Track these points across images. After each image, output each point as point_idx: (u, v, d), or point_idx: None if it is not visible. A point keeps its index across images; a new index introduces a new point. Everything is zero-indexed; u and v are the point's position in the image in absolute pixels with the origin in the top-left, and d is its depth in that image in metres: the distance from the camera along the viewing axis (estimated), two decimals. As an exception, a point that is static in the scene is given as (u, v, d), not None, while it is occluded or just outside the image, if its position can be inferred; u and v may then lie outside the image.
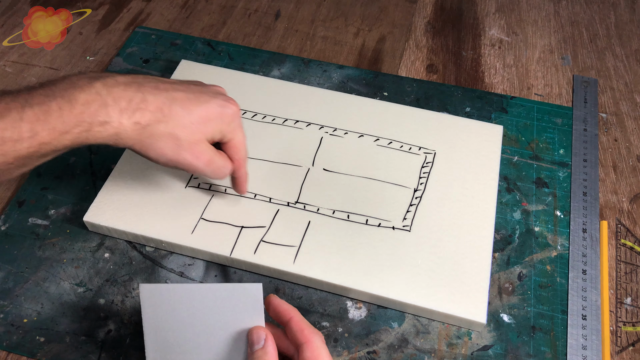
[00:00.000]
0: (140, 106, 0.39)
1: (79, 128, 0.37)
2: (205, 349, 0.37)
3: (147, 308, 0.37)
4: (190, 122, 0.40)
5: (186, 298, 0.37)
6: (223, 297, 0.37)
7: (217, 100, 0.42)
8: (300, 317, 0.37)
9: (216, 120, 0.42)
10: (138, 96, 0.39)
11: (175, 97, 0.40)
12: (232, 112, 0.43)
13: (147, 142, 0.39)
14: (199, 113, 0.41)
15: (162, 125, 0.39)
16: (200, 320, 0.37)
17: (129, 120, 0.38)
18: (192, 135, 0.41)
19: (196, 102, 0.41)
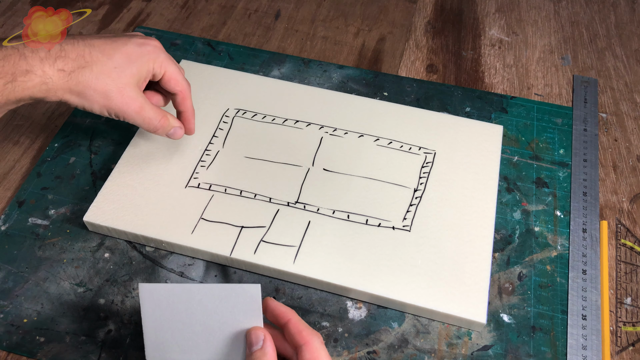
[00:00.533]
0: (60, 54, 0.40)
1: (2, 80, 0.38)
2: (204, 349, 0.38)
3: (147, 308, 0.37)
4: (114, 67, 0.41)
5: (185, 298, 0.37)
6: (222, 297, 0.37)
7: (135, 39, 0.43)
8: (298, 319, 0.37)
9: (139, 60, 0.42)
10: (56, 47, 0.40)
11: (93, 43, 0.41)
12: (152, 47, 0.43)
13: (77, 90, 0.40)
14: (119, 56, 0.41)
15: (87, 71, 0.40)
16: (199, 320, 0.37)
17: (52, 68, 0.39)
18: (119, 79, 0.41)
19: (114, 46, 0.41)
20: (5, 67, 0.38)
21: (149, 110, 0.44)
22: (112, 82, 0.41)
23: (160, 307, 0.37)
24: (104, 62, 0.41)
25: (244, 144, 0.55)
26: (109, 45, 0.41)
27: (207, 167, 0.53)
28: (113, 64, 0.41)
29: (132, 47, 0.42)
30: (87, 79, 0.40)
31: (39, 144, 0.58)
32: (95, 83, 0.41)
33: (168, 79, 0.45)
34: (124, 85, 0.42)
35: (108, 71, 0.41)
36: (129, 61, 0.42)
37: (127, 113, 0.43)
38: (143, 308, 0.37)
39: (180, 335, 0.37)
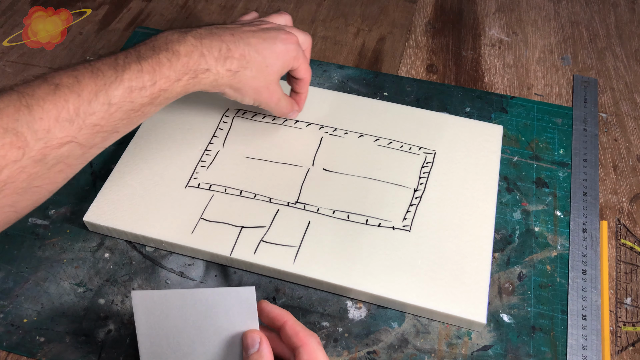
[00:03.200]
0: (228, 54, 0.44)
1: (187, 76, 0.42)
2: (200, 354, 0.37)
3: (140, 315, 0.37)
4: (266, 66, 0.47)
5: (179, 304, 0.37)
6: (216, 301, 0.37)
7: (281, 36, 0.48)
8: (294, 321, 0.37)
9: (284, 57, 0.48)
10: (223, 46, 0.44)
11: (250, 42, 0.46)
12: (295, 45, 0.48)
13: (237, 86, 0.46)
14: (269, 54, 0.47)
15: (247, 71, 0.46)
16: (194, 325, 0.37)
17: (223, 68, 0.44)
18: (268, 77, 0.47)
19: (266, 45, 0.47)
20: (189, 64, 0.42)
21: (284, 101, 0.51)
22: (263, 79, 0.47)
23: (154, 314, 0.37)
24: (259, 61, 0.46)
25: (244, 144, 0.55)
26: (262, 45, 0.46)
27: (207, 167, 0.53)
28: (265, 63, 0.47)
29: (280, 45, 0.47)
30: (246, 78, 0.46)
31: (39, 144, 0.57)
32: (252, 81, 0.46)
33: (299, 69, 0.51)
34: (271, 81, 0.48)
35: (261, 69, 0.46)
36: (276, 59, 0.47)
37: (269, 104, 0.50)
38: (136, 315, 0.37)
39: (175, 342, 0.37)
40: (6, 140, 0.34)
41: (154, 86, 0.40)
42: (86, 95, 0.37)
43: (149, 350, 0.37)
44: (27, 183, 0.36)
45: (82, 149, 0.38)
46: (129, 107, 0.39)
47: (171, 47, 0.41)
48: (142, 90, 0.39)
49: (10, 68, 0.65)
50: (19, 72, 0.65)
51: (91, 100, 0.37)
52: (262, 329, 0.38)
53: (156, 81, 0.40)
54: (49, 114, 0.36)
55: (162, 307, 0.37)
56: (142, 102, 0.40)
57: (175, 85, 0.41)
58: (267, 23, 0.50)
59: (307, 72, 0.52)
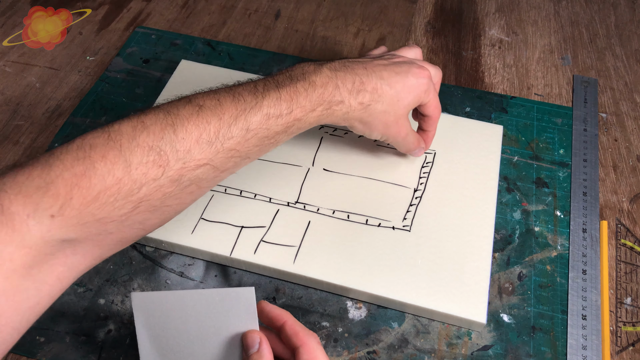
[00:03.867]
0: (361, 88, 0.44)
1: (321, 107, 0.42)
2: (199, 355, 0.37)
3: (140, 316, 0.37)
4: (397, 100, 0.45)
5: (178, 305, 0.37)
6: (216, 302, 0.36)
7: (414, 70, 0.46)
8: (294, 321, 0.37)
9: (414, 92, 0.46)
10: (357, 79, 0.44)
11: (383, 76, 0.45)
12: (427, 80, 0.47)
13: (366, 120, 0.45)
14: (401, 89, 0.45)
15: (378, 105, 0.45)
16: (194, 326, 0.37)
17: (355, 101, 0.43)
18: (398, 111, 0.46)
19: (398, 79, 0.45)
20: (324, 95, 0.42)
21: (411, 136, 0.49)
22: (392, 113, 0.46)
23: (153, 316, 0.37)
24: (390, 95, 0.45)
25: (244, 144, 0.55)
26: (394, 78, 0.45)
27: (207, 167, 0.53)
28: (397, 97, 0.45)
29: (412, 79, 0.46)
30: (377, 112, 0.45)
31: (39, 144, 0.58)
32: (382, 116, 0.45)
33: (428, 105, 0.48)
34: (400, 115, 0.46)
35: (392, 103, 0.45)
36: (407, 93, 0.46)
37: (397, 139, 0.48)
38: (136, 317, 0.37)
39: (175, 343, 0.37)
40: (150, 158, 0.34)
41: (290, 115, 0.40)
42: (227, 119, 0.37)
43: (148, 351, 0.37)
44: (160, 202, 0.36)
45: (215, 172, 0.38)
46: (264, 134, 0.39)
47: (308, 77, 0.42)
48: (279, 118, 0.39)
49: (11, 68, 0.65)
50: (19, 72, 0.65)
51: (231, 125, 0.37)
52: (262, 329, 0.38)
53: (292, 110, 0.40)
54: (191, 134, 0.36)
55: (161, 308, 0.37)
56: (277, 129, 0.40)
57: (309, 115, 0.41)
58: (398, 57, 0.49)
59: (436, 109, 0.49)
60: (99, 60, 0.66)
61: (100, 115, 0.59)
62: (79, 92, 0.63)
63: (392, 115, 0.46)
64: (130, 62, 0.65)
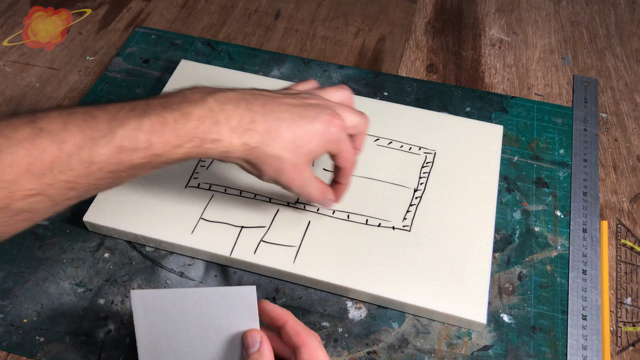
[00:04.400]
0: (250, 127, 0.39)
1: (191, 143, 0.37)
2: (199, 354, 0.37)
3: (139, 314, 0.37)
4: (295, 146, 0.40)
5: (179, 303, 0.37)
6: (216, 300, 0.36)
7: (322, 117, 0.41)
8: (294, 320, 0.37)
9: (318, 140, 0.41)
10: (248, 116, 0.39)
11: (282, 117, 0.40)
12: (336, 130, 0.42)
13: (253, 162, 0.40)
14: (303, 135, 0.41)
15: (269, 147, 0.40)
16: (194, 325, 0.37)
17: (239, 140, 0.38)
18: (295, 158, 0.41)
19: (301, 123, 0.41)
20: (197, 130, 0.37)
21: (312, 187, 0.44)
22: (287, 159, 0.40)
23: (153, 314, 0.37)
24: (287, 138, 0.40)
25: (244, 144, 0.55)
26: (297, 122, 0.40)
27: (207, 167, 0.53)
28: (295, 143, 0.40)
29: (319, 127, 0.41)
30: (266, 156, 0.40)
31: (39, 144, 0.57)
32: (273, 160, 0.40)
33: (339, 157, 0.44)
34: (298, 163, 0.41)
35: (288, 148, 0.40)
36: (310, 141, 0.41)
37: (291, 187, 0.43)
38: (135, 315, 0.37)
39: (174, 342, 0.37)
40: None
41: (149, 149, 0.35)
42: (68, 148, 0.33)
43: (148, 350, 0.37)
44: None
45: (52, 202, 0.34)
46: (114, 167, 0.35)
47: (184, 107, 0.37)
48: (134, 152, 0.35)
49: (11, 68, 0.65)
50: (19, 72, 0.65)
51: (72, 155, 0.33)
52: (263, 328, 0.38)
53: (152, 144, 0.35)
54: (19, 163, 0.32)
55: (161, 306, 0.37)
56: (132, 164, 0.35)
57: (173, 151, 0.37)
58: (317, 98, 0.44)
59: (348, 162, 0.44)
60: (98, 60, 0.66)
61: (100, 115, 0.59)
62: (79, 92, 0.63)
63: (287, 162, 0.41)
64: (130, 62, 0.65)
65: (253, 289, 0.36)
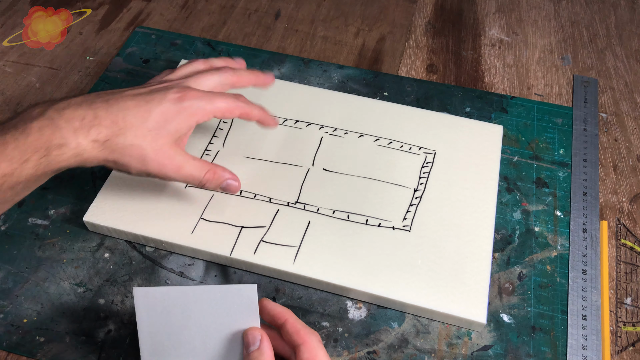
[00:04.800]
0: (94, 123, 0.38)
1: (37, 155, 0.37)
2: (200, 351, 0.37)
3: (142, 312, 0.37)
4: (148, 130, 0.40)
5: (180, 301, 0.37)
6: (217, 298, 0.37)
7: (169, 96, 0.41)
8: (295, 319, 0.37)
9: (177, 117, 0.41)
10: (90, 114, 0.38)
11: (128, 106, 0.40)
12: (189, 103, 0.41)
13: (113, 157, 0.39)
14: (155, 117, 0.40)
15: (120, 138, 0.39)
16: (195, 322, 0.37)
17: (86, 139, 0.38)
18: (154, 142, 0.40)
19: (149, 107, 0.40)
20: (39, 141, 0.37)
21: (190, 167, 0.42)
22: (147, 145, 0.40)
23: (155, 311, 0.37)
24: (138, 126, 0.39)
25: (244, 144, 0.55)
26: (144, 107, 0.40)
27: (207, 167, 0.53)
28: (148, 127, 0.40)
29: (168, 105, 0.40)
30: (122, 147, 0.39)
31: (39, 144, 0.57)
32: (131, 149, 0.39)
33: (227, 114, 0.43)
34: (160, 146, 0.40)
35: (143, 135, 0.39)
36: (165, 121, 0.40)
37: (166, 174, 0.41)
38: (138, 312, 0.37)
39: (176, 339, 0.37)
40: None
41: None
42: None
43: (150, 347, 0.37)
44: None
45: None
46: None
47: (22, 124, 0.37)
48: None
49: (11, 68, 0.65)
50: (19, 72, 0.65)
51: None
52: (263, 326, 0.38)
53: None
54: None
55: (163, 304, 0.37)
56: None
57: (22, 167, 0.36)
58: (168, 82, 0.43)
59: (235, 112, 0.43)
60: (99, 60, 0.66)
61: (100, 115, 0.59)
62: (79, 92, 0.63)
63: (147, 148, 0.39)
64: (130, 62, 0.65)
65: (254, 287, 0.36)
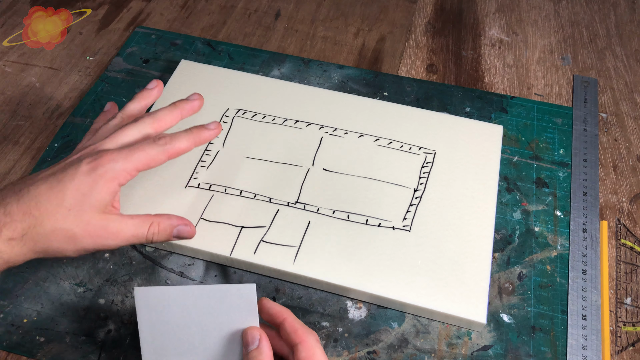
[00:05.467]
0: (5, 220, 0.36)
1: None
2: (200, 350, 0.37)
3: (142, 311, 0.37)
4: (68, 210, 0.37)
5: (180, 300, 0.37)
6: (217, 298, 0.37)
7: (83, 167, 0.38)
8: (293, 318, 0.37)
9: (95, 189, 0.38)
10: (0, 212, 0.36)
11: (40, 191, 0.37)
12: (104, 169, 0.38)
13: (40, 247, 0.37)
14: (70, 195, 0.37)
15: (39, 228, 0.36)
16: (195, 321, 0.37)
17: (0, 240, 0.36)
18: (79, 220, 0.37)
19: (62, 186, 0.37)
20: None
21: (129, 228, 0.40)
22: (72, 225, 0.37)
23: (156, 310, 0.37)
24: (54, 209, 0.37)
25: (244, 144, 0.55)
26: (57, 187, 0.37)
27: (207, 167, 0.53)
28: (66, 207, 0.37)
29: (82, 178, 0.37)
30: (44, 235, 0.36)
31: (38, 144, 0.58)
32: (55, 234, 0.37)
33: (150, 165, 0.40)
34: (87, 221, 0.37)
35: (63, 217, 0.37)
36: (83, 196, 0.37)
37: (106, 245, 0.39)
38: (139, 311, 0.37)
39: (176, 338, 0.37)
40: None
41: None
42: None
43: (150, 346, 0.38)
44: None
45: None
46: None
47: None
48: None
49: (11, 68, 0.65)
50: (19, 72, 0.65)
51: None
52: (262, 326, 0.38)
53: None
54: None
55: (163, 303, 0.37)
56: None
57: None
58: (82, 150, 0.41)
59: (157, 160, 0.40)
60: (99, 60, 0.66)
61: (100, 115, 0.59)
62: (79, 92, 0.63)
63: (73, 228, 0.37)
64: (130, 62, 0.65)
65: (253, 286, 0.36)
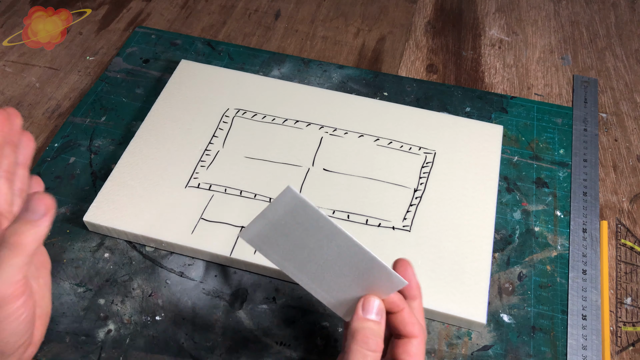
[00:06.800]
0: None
1: None
2: (323, 283, 0.35)
3: (286, 216, 0.35)
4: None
5: (325, 233, 0.34)
6: (365, 261, 0.34)
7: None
8: (410, 309, 0.35)
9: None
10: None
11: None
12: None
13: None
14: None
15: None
16: (329, 259, 0.35)
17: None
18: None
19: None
20: None
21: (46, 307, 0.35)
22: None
23: (299, 222, 0.35)
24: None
25: (244, 144, 0.55)
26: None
27: (207, 167, 0.53)
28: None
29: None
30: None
31: (38, 144, 0.58)
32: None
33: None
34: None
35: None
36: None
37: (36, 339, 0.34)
38: (280, 213, 0.35)
39: (306, 255, 0.35)
40: None
41: None
42: None
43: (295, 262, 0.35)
44: None
45: None
46: None
47: None
48: None
49: (11, 68, 0.65)
50: (19, 72, 0.65)
51: None
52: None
53: None
54: None
55: (310, 222, 0.35)
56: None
57: None
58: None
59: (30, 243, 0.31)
60: (99, 60, 0.66)
61: (100, 116, 0.59)
62: (79, 92, 0.63)
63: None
64: (130, 62, 0.65)
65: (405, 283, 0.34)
